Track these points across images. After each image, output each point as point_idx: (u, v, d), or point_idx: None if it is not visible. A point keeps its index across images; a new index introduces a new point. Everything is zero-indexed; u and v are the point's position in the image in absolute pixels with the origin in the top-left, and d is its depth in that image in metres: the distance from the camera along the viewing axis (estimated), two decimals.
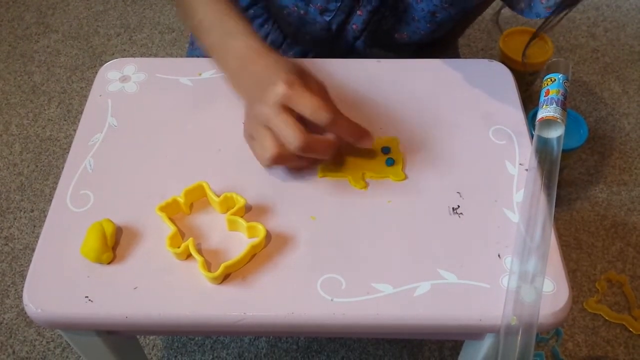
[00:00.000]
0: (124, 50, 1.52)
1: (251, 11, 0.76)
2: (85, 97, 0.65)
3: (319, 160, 0.56)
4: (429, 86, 0.64)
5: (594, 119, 1.35)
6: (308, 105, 0.50)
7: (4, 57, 1.50)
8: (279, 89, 0.50)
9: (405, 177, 0.56)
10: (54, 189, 0.55)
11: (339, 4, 0.68)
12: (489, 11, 0.75)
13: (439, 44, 0.77)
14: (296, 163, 0.54)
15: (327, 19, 0.69)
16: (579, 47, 1.51)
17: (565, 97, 0.57)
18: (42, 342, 1.01)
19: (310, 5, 0.69)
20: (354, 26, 0.70)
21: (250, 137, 0.55)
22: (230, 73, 0.58)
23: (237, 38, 0.57)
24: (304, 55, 0.76)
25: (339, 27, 0.70)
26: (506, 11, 0.67)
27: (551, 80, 0.58)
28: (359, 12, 0.69)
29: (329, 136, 0.52)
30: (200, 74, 0.65)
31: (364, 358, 0.99)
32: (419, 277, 0.49)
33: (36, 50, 1.52)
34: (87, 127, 0.60)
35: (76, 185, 0.55)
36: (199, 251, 0.51)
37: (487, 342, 0.52)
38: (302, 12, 0.70)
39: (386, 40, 0.72)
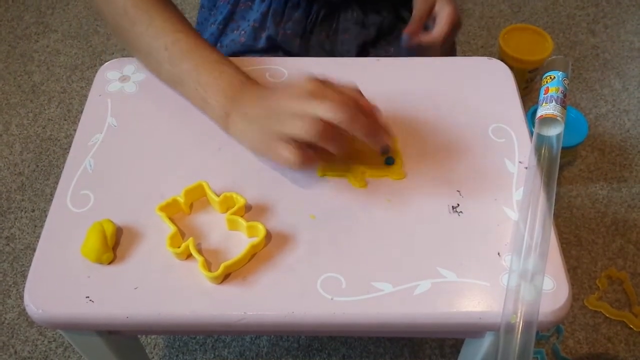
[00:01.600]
0: (124, 49, 1.52)
1: None
2: (85, 96, 0.65)
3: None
4: (428, 84, 0.64)
5: (594, 116, 1.35)
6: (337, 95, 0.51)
7: (3, 57, 1.50)
8: (308, 83, 0.51)
9: (405, 176, 0.56)
10: (55, 188, 0.56)
11: None
12: (490, 9, 0.75)
13: None
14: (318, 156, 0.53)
15: None
16: (578, 44, 1.51)
17: (564, 95, 0.57)
18: (43, 341, 1.01)
19: None
20: None
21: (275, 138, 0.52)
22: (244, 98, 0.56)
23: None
24: (308, 15, 0.76)
25: None
26: (505, 7, 0.67)
27: (550, 77, 0.58)
28: None
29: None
30: None
31: (365, 356, 0.99)
32: (419, 275, 0.49)
33: (36, 50, 1.52)
34: (86, 127, 0.60)
35: (76, 186, 0.55)
36: (199, 251, 0.51)
37: (487, 340, 0.52)
38: None
39: None
